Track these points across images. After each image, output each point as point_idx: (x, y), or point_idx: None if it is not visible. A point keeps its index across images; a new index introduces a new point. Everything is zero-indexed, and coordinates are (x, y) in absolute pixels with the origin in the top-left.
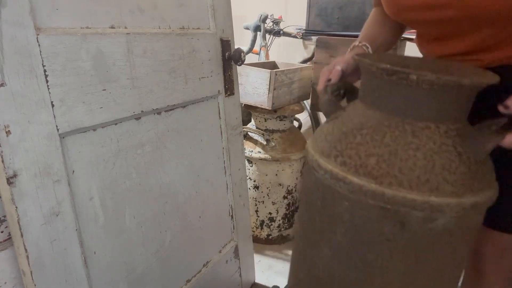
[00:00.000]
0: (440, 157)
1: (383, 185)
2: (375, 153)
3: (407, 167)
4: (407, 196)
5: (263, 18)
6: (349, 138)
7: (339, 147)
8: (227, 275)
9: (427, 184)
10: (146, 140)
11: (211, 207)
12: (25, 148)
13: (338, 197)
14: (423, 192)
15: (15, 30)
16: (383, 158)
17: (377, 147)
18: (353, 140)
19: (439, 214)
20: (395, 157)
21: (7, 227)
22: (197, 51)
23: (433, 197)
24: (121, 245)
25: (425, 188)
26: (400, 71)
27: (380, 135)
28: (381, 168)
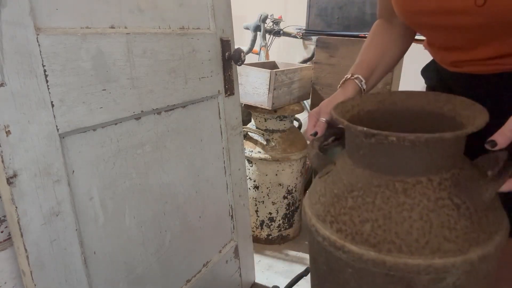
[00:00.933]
0: (437, 214)
1: (382, 252)
2: (369, 218)
3: (404, 231)
4: (408, 261)
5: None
6: (341, 202)
7: (333, 211)
8: (227, 275)
9: (428, 247)
10: (146, 140)
11: (211, 207)
12: (25, 148)
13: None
14: (425, 256)
15: (15, 30)
16: (378, 223)
17: (370, 211)
18: (345, 204)
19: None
20: (389, 221)
21: (7, 227)
22: (197, 51)
23: (436, 259)
24: (121, 245)
25: (426, 251)
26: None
27: (371, 197)
28: (377, 234)
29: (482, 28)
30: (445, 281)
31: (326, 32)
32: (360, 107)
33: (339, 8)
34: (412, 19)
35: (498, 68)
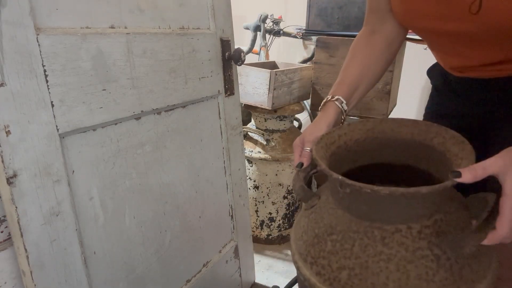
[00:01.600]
0: (414, 266)
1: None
2: (346, 265)
3: (380, 283)
4: None
5: (263, 18)
6: (321, 244)
7: (313, 253)
8: (227, 275)
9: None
10: (146, 140)
11: (211, 207)
12: (25, 148)
13: None
14: None
15: (15, 30)
16: (355, 272)
17: (348, 258)
18: (325, 247)
19: None
20: (366, 271)
21: (7, 227)
22: (197, 51)
23: None
24: (121, 245)
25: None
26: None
27: (349, 243)
28: (354, 283)
29: (478, 35)
30: None
31: (326, 32)
32: (347, 137)
33: (339, 8)
34: (412, 22)
35: (500, 74)
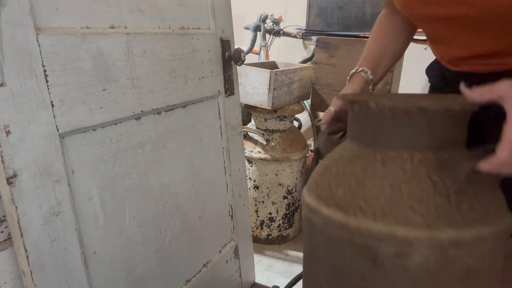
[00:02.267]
0: (409, 186)
1: (349, 215)
2: (344, 183)
3: (372, 196)
4: (370, 227)
5: (263, 18)
6: (327, 171)
7: (318, 180)
8: (227, 275)
9: (393, 214)
10: (146, 140)
11: (211, 207)
12: (25, 148)
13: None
14: (388, 223)
15: (15, 30)
16: (350, 188)
17: (347, 177)
18: (330, 172)
19: (410, 249)
20: (361, 187)
21: (7, 227)
22: (197, 51)
23: (399, 229)
24: (121, 245)
25: (390, 219)
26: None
27: (351, 165)
28: (347, 198)
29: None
30: (410, 258)
31: (326, 32)
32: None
33: (339, 8)
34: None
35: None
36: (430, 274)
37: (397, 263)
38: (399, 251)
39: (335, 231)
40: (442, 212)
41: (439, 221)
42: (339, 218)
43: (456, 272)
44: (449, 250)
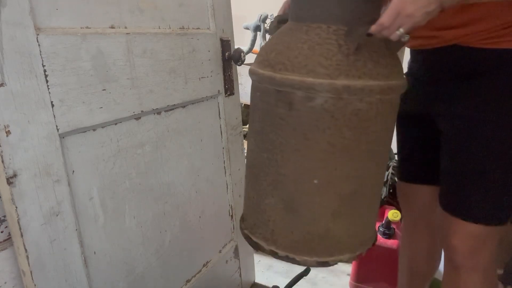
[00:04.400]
0: (320, 47)
1: (276, 71)
2: (275, 48)
3: (293, 56)
4: (289, 77)
5: (263, 18)
6: (268, 43)
7: (261, 52)
8: (227, 275)
9: (305, 68)
10: (146, 140)
11: (211, 207)
12: (25, 148)
13: (254, 89)
14: (301, 74)
15: (15, 30)
16: (279, 51)
17: (279, 44)
18: (270, 43)
19: (314, 92)
20: (287, 49)
21: (7, 227)
22: (197, 51)
23: (309, 78)
24: (121, 245)
25: (303, 71)
26: None
27: (285, 36)
28: (277, 59)
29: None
30: (315, 100)
31: None
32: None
33: None
34: None
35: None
36: (329, 113)
37: (306, 105)
38: (307, 95)
39: (266, 85)
40: (341, 66)
41: (338, 73)
42: (268, 74)
43: (347, 112)
44: (343, 94)
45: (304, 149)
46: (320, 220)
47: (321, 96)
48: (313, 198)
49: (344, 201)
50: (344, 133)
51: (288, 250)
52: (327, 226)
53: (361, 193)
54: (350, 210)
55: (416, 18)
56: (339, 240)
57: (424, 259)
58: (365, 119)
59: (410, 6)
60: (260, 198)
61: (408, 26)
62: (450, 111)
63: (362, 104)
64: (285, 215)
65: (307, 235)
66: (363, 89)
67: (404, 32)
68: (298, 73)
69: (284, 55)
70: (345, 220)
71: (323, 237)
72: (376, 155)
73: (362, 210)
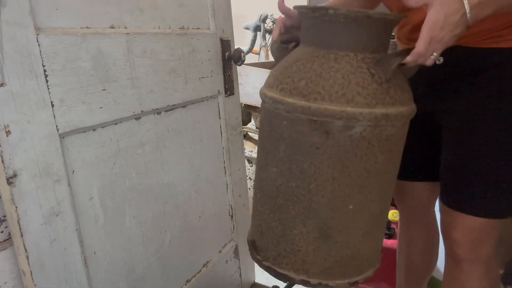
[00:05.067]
0: (355, 76)
1: (310, 100)
2: (305, 77)
3: (329, 85)
4: (328, 107)
5: (263, 18)
6: (288, 69)
7: (280, 78)
8: (227, 275)
9: (344, 97)
10: (146, 140)
11: (211, 207)
12: (25, 148)
13: (279, 118)
14: (340, 104)
15: (15, 30)
16: (311, 80)
17: (307, 72)
18: (291, 70)
19: (354, 121)
20: (320, 78)
21: (7, 227)
22: (197, 51)
23: (349, 108)
24: (121, 245)
25: (342, 100)
26: (320, 8)
27: (310, 63)
28: (309, 87)
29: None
30: (353, 129)
31: None
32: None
33: None
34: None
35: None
36: (366, 140)
37: (344, 133)
38: (346, 124)
39: (298, 114)
40: (377, 95)
41: (375, 102)
42: (302, 103)
43: (382, 138)
44: (381, 122)
45: (341, 177)
46: (353, 243)
47: (360, 125)
48: (348, 223)
49: (374, 221)
50: (378, 157)
51: (321, 277)
52: (358, 247)
53: (385, 210)
54: (376, 228)
55: (447, 43)
56: (367, 258)
57: (421, 256)
58: (395, 142)
59: (441, 32)
60: (287, 228)
61: (440, 50)
62: (452, 108)
63: (394, 129)
64: (319, 243)
65: (340, 259)
66: (397, 115)
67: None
68: (336, 102)
69: (317, 84)
70: (372, 238)
71: (355, 258)
72: (396, 172)
73: (383, 225)
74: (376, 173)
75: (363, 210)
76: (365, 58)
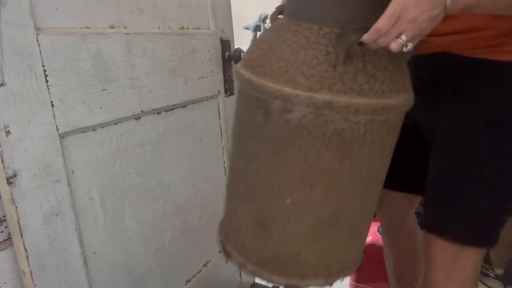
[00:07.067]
0: (305, 53)
1: (254, 74)
2: (260, 48)
3: (275, 59)
4: (266, 84)
5: (263, 18)
6: (257, 40)
7: (250, 48)
8: (227, 275)
9: (285, 75)
10: (146, 140)
11: (211, 207)
12: (25, 148)
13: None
14: (279, 82)
15: (15, 30)
16: (263, 52)
17: (264, 43)
18: (257, 41)
19: (291, 104)
20: (270, 51)
21: (7, 227)
22: (197, 51)
23: (287, 88)
24: (121, 245)
25: (282, 78)
26: None
27: (272, 34)
28: (259, 60)
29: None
30: (292, 113)
31: None
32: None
33: None
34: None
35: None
36: (306, 129)
37: (282, 117)
38: (283, 106)
39: (245, 89)
40: (324, 78)
41: (319, 85)
42: (248, 76)
43: (328, 131)
44: (323, 110)
45: (277, 165)
46: (291, 242)
47: (298, 110)
48: (285, 218)
49: (320, 225)
50: (323, 153)
51: (257, 266)
52: (298, 249)
53: (342, 218)
54: (327, 235)
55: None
56: (313, 264)
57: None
58: (350, 140)
59: (413, 10)
60: (235, 206)
61: (411, 33)
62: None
63: (347, 123)
64: (255, 230)
65: (277, 255)
66: (348, 107)
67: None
68: (276, 80)
69: (266, 57)
70: (320, 244)
71: (293, 259)
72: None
73: (343, 235)
74: (321, 171)
75: (304, 210)
76: (330, 34)
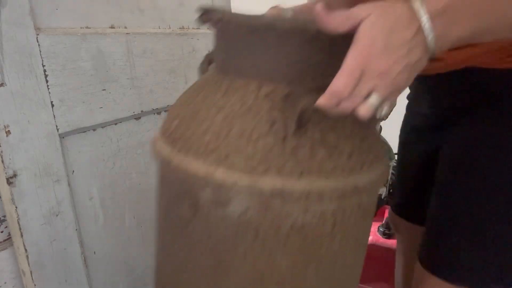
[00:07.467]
0: (242, 121)
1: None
2: (181, 113)
3: (201, 131)
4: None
5: None
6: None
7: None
8: None
9: (215, 153)
10: (146, 140)
11: None
12: (25, 148)
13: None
14: (208, 163)
15: (15, 30)
16: (184, 120)
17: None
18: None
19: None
20: (194, 119)
21: (7, 227)
22: (197, 51)
23: (219, 171)
24: (121, 245)
25: (212, 158)
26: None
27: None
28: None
29: None
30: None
31: None
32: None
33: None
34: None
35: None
36: (252, 227)
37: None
38: (217, 197)
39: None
40: (271, 156)
41: (265, 166)
42: (165, 153)
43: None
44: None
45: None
46: None
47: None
48: None
49: None
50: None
51: None
52: None
53: None
54: None
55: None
56: None
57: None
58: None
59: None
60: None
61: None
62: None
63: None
64: None
65: None
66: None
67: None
68: (203, 159)
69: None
70: None
71: None
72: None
73: None
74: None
75: None
76: (274, 92)
